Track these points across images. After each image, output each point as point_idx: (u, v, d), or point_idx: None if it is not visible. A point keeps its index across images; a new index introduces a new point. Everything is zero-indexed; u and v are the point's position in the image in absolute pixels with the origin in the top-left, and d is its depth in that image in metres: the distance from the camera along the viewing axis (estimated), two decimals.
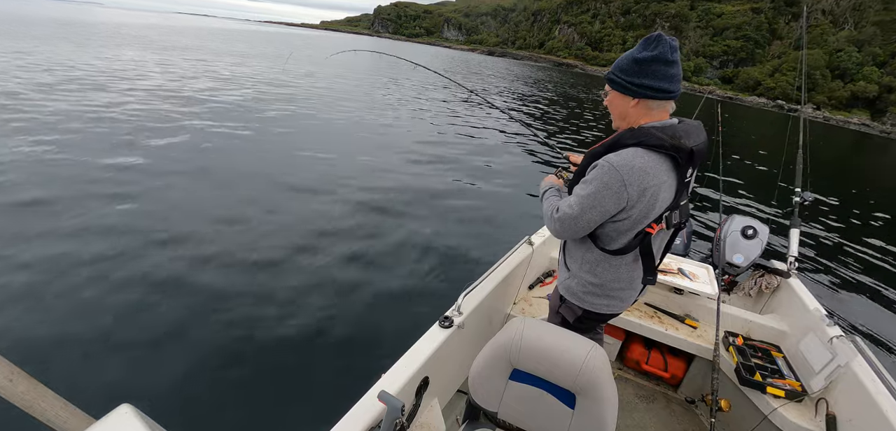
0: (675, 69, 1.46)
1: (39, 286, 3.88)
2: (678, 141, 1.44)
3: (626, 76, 1.50)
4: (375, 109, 15.96)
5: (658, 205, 1.52)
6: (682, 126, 1.51)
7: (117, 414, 1.13)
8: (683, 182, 1.54)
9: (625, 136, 1.50)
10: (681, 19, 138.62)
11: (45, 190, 5.76)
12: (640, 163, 1.44)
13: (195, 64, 23.20)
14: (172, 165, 7.30)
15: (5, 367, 1.20)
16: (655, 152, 1.46)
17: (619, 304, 1.77)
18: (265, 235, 5.30)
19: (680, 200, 1.57)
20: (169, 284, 4.14)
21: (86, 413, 1.36)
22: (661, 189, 1.49)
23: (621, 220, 1.54)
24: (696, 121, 1.58)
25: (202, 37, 55.19)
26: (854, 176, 17.45)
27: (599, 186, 1.48)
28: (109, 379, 3.06)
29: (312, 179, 7.52)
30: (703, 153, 1.53)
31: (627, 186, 1.44)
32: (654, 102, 1.50)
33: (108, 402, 1.17)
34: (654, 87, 1.46)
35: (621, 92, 1.54)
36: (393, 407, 1.38)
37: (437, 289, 4.59)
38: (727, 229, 3.52)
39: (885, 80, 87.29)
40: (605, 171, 1.46)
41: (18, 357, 1.28)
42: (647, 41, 1.47)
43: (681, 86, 1.52)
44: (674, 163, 1.49)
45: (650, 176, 1.45)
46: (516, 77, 46.73)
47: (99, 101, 11.18)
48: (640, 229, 1.56)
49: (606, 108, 1.65)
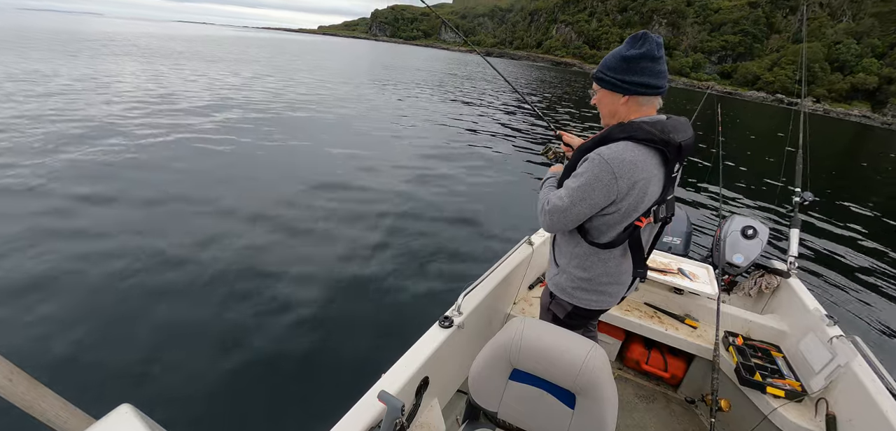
0: (662, 65, 1.50)
1: (39, 286, 3.89)
2: (667, 135, 1.46)
3: (615, 74, 1.53)
4: (383, 111, 15.97)
5: (647, 199, 1.54)
6: (671, 122, 1.54)
7: (117, 414, 1.12)
8: (671, 177, 1.56)
9: (614, 131, 1.52)
10: (678, 15, 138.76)
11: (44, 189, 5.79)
12: (631, 156, 1.46)
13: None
14: (173, 163, 7.31)
15: (5, 367, 1.19)
16: (645, 146, 1.48)
17: (608, 300, 1.78)
18: (265, 235, 5.30)
19: (667, 195, 1.59)
20: (169, 284, 4.14)
21: (86, 413, 1.36)
22: (651, 182, 1.51)
23: (611, 214, 1.56)
24: (683, 118, 1.60)
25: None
26: (856, 172, 17.41)
27: (590, 179, 1.50)
28: (109, 379, 3.07)
29: (313, 179, 7.53)
30: (690, 148, 1.55)
31: (618, 179, 1.46)
32: (644, 99, 1.53)
33: (108, 402, 1.17)
34: (643, 84, 1.49)
35: (610, 89, 1.57)
36: (393, 407, 1.38)
37: (436, 289, 4.58)
38: (727, 229, 3.51)
39: (885, 71, 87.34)
40: (596, 164, 1.49)
41: (17, 356, 1.28)
42: (634, 39, 1.49)
43: (667, 82, 1.55)
44: (662, 157, 1.51)
45: (640, 169, 1.47)
46: (515, 77, 46.63)
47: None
48: (629, 223, 1.58)
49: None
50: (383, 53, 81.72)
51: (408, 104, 18.45)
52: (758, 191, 10.77)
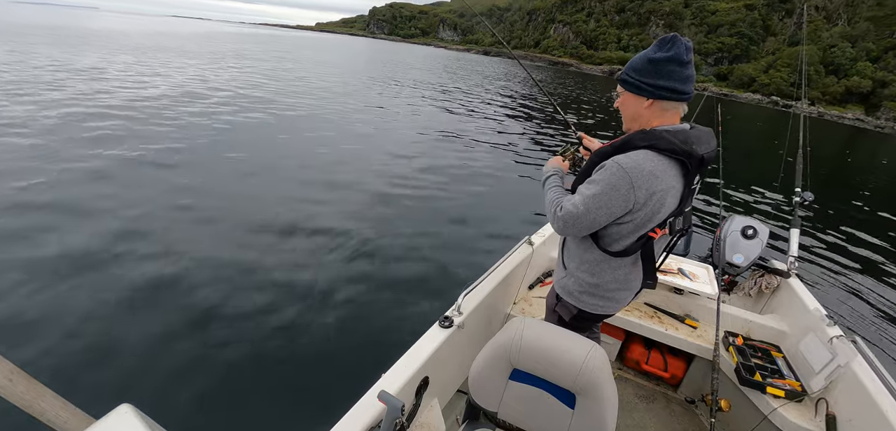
0: (690, 70, 1.45)
1: (38, 286, 3.86)
2: (689, 147, 1.42)
3: (641, 77, 1.48)
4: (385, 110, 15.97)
5: (664, 210, 1.50)
6: (694, 132, 1.50)
7: (117, 414, 1.12)
8: (690, 188, 1.53)
9: (636, 138, 1.48)
10: (675, 17, 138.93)
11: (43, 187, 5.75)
12: (650, 166, 1.42)
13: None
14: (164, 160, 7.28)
15: (5, 367, 1.19)
16: (666, 157, 1.44)
17: (614, 306, 1.77)
18: (264, 235, 5.28)
19: (685, 207, 1.55)
20: (168, 284, 4.12)
21: (86, 413, 1.35)
22: (668, 194, 1.47)
23: (625, 223, 1.53)
24: (708, 129, 1.56)
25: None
26: (852, 173, 17.52)
27: (606, 187, 1.46)
28: (109, 379, 3.05)
29: (314, 178, 7.52)
30: (712, 160, 1.51)
31: (635, 189, 1.42)
32: (668, 104, 1.48)
33: (108, 402, 1.16)
34: (668, 88, 1.45)
35: (635, 93, 1.52)
36: (393, 407, 1.38)
37: (437, 289, 4.58)
38: (727, 229, 3.51)
39: (879, 75, 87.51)
40: (613, 173, 1.44)
41: (16, 355, 1.27)
42: (663, 42, 1.45)
43: (694, 88, 1.50)
44: (683, 168, 1.47)
45: (659, 180, 1.43)
46: (514, 77, 46.68)
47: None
48: (643, 233, 1.55)
49: (616, 110, 1.63)
50: (380, 52, 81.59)
51: (405, 104, 18.43)
52: (758, 192, 10.82)
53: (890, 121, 76.97)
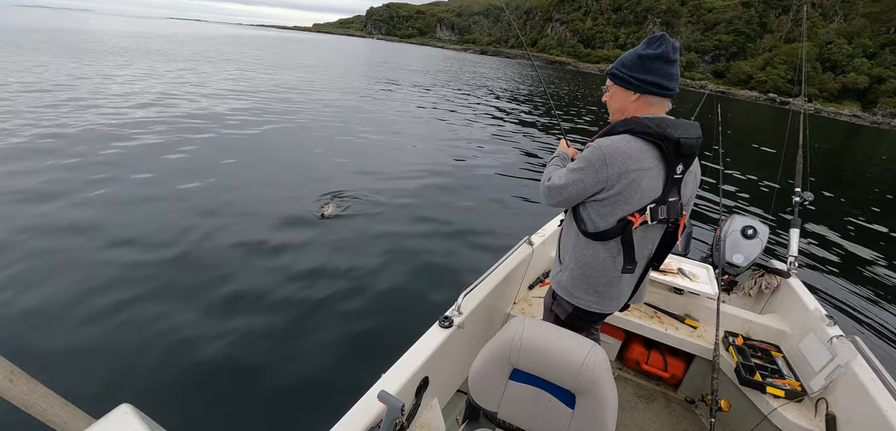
0: (675, 69, 1.55)
1: (37, 286, 3.86)
2: (664, 130, 1.50)
3: (630, 71, 1.58)
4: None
5: (640, 193, 1.56)
6: (672, 120, 1.58)
7: (117, 414, 1.11)
8: (673, 177, 1.57)
9: (617, 125, 1.60)
10: (672, 15, 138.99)
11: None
12: (625, 147, 1.52)
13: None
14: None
15: (5, 367, 1.18)
16: (642, 139, 1.53)
17: (609, 303, 1.79)
18: (264, 236, 5.27)
19: (668, 196, 1.59)
20: (168, 284, 4.12)
21: (86, 413, 1.34)
22: (645, 176, 1.54)
23: (601, 200, 1.60)
24: (692, 121, 1.63)
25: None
26: (851, 171, 17.49)
27: (584, 163, 1.58)
28: (109, 379, 3.04)
29: (313, 178, 7.50)
30: (692, 147, 1.56)
31: (607, 166, 1.53)
32: (654, 99, 1.58)
33: (108, 402, 1.15)
34: (655, 84, 1.54)
35: (623, 86, 1.62)
36: (393, 407, 1.38)
37: (437, 289, 4.57)
38: (727, 229, 3.51)
39: (875, 72, 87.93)
40: (592, 150, 1.57)
41: (16, 354, 1.27)
42: (652, 40, 1.55)
43: (678, 86, 1.60)
44: (661, 152, 1.54)
45: (633, 160, 1.52)
46: (513, 76, 46.69)
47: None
48: (621, 215, 1.59)
49: (605, 105, 1.73)
50: (378, 53, 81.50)
51: (404, 104, 18.42)
52: (757, 191, 10.82)
53: (886, 117, 77.42)
